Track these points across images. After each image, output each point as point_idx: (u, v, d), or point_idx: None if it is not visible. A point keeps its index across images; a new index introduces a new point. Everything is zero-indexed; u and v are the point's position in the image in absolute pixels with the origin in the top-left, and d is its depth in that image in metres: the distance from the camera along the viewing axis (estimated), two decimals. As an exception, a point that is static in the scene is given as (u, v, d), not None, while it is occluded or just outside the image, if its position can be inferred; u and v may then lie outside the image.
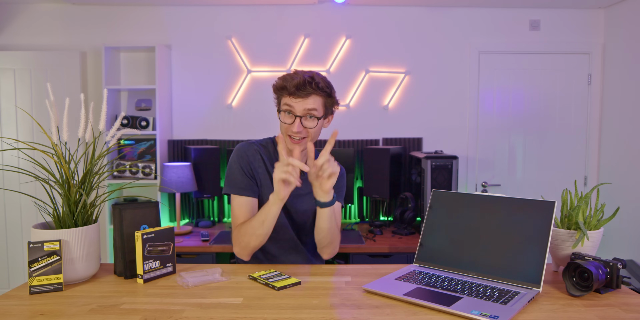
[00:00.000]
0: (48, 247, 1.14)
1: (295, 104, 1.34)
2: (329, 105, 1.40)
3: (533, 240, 1.16)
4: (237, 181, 1.42)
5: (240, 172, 1.42)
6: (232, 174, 1.43)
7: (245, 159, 1.43)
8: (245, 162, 1.43)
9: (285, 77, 1.38)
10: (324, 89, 1.36)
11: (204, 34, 3.28)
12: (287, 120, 1.37)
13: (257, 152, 1.45)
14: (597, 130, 3.35)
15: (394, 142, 3.32)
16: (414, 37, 3.32)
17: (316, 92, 1.34)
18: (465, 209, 1.30)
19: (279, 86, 1.38)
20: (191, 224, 3.17)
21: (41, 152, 1.27)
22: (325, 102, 1.38)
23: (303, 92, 1.33)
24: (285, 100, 1.37)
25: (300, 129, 1.34)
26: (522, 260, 1.16)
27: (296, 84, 1.33)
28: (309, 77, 1.35)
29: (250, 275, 1.26)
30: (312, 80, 1.34)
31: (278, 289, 1.16)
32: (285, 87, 1.35)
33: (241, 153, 1.44)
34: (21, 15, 3.25)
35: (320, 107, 1.36)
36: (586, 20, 3.33)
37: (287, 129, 1.37)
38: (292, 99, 1.34)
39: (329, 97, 1.39)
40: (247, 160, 1.43)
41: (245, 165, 1.43)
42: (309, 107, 1.34)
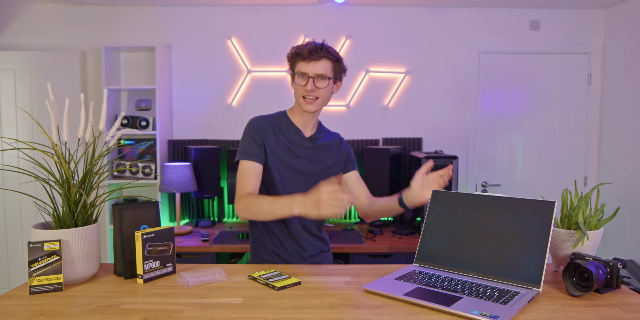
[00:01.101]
0: (48, 247, 1.14)
1: (308, 67, 1.48)
2: (337, 70, 1.54)
3: (533, 240, 1.16)
4: (246, 148, 1.51)
5: (250, 140, 1.51)
6: (242, 143, 1.53)
7: (257, 130, 1.53)
8: (257, 132, 1.52)
9: (298, 45, 1.54)
10: (334, 54, 1.51)
11: (204, 33, 3.28)
12: (301, 82, 1.50)
13: (268, 125, 1.55)
14: (597, 130, 3.35)
15: (394, 142, 3.32)
16: (414, 37, 3.32)
17: (327, 55, 1.49)
18: (465, 209, 1.30)
19: (293, 53, 1.52)
20: (191, 224, 3.17)
21: (41, 152, 1.27)
22: (334, 67, 1.52)
23: (315, 56, 1.47)
24: (299, 66, 1.50)
25: (313, 88, 1.48)
26: (522, 260, 1.16)
27: (309, 49, 1.48)
28: (320, 44, 1.52)
29: (250, 275, 1.26)
30: (322, 46, 1.51)
31: (278, 289, 1.16)
32: (299, 52, 1.49)
33: (253, 124, 1.54)
34: (21, 15, 3.25)
35: (330, 71, 1.50)
36: (586, 20, 3.33)
37: (302, 90, 1.50)
38: (305, 63, 1.49)
39: (337, 62, 1.53)
40: (259, 130, 1.53)
41: (256, 135, 1.52)
42: (321, 70, 1.48)
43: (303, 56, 1.49)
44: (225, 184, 3.27)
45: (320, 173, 1.58)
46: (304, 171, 1.56)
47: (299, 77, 1.51)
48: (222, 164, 3.24)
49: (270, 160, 1.52)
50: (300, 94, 1.51)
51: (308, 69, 1.49)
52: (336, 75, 1.55)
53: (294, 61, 1.54)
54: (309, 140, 1.59)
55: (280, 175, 1.53)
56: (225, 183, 3.27)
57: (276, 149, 1.54)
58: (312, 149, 1.59)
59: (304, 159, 1.57)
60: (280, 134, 1.56)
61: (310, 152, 1.58)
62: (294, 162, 1.55)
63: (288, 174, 1.54)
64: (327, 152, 1.62)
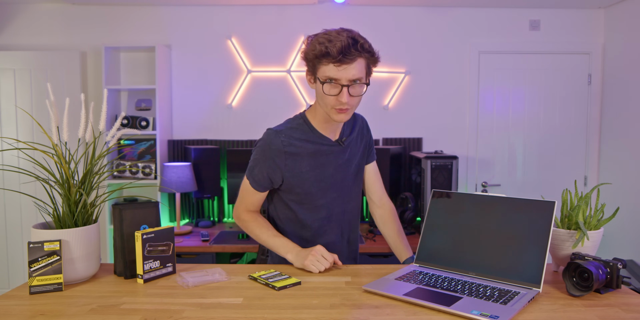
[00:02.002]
0: (48, 247, 1.14)
1: (341, 73, 1.18)
2: (371, 65, 1.25)
3: (533, 240, 1.16)
4: (254, 172, 1.37)
5: (259, 166, 1.35)
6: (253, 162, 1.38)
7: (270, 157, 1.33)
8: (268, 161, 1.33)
9: (322, 41, 1.18)
10: (369, 49, 1.21)
11: (204, 34, 3.28)
12: (332, 91, 1.21)
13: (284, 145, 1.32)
14: (597, 130, 3.35)
15: (394, 142, 3.32)
16: (414, 37, 3.32)
17: (362, 54, 1.18)
18: (466, 209, 1.30)
19: (320, 53, 1.18)
20: (191, 224, 3.17)
21: (41, 152, 1.27)
22: (368, 63, 1.23)
23: (348, 58, 1.16)
24: (326, 70, 1.19)
25: (349, 99, 1.21)
26: (522, 260, 1.16)
27: (341, 48, 1.15)
28: (351, 37, 1.18)
29: (250, 275, 1.26)
30: (355, 41, 1.17)
31: (278, 289, 1.16)
32: (329, 53, 1.16)
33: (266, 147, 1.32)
34: (21, 15, 3.25)
35: (364, 70, 1.22)
36: (586, 20, 3.33)
37: (333, 100, 1.22)
38: (335, 67, 1.18)
39: (372, 56, 1.23)
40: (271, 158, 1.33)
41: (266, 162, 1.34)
42: (356, 73, 1.19)
43: (333, 58, 1.16)
44: (225, 184, 3.27)
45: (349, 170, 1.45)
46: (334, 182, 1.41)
47: (328, 84, 1.21)
48: (222, 164, 3.24)
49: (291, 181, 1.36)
50: (331, 104, 1.24)
51: (340, 74, 1.19)
52: (369, 71, 1.25)
53: (316, 62, 1.21)
54: (338, 143, 1.40)
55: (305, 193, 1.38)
56: (225, 183, 3.27)
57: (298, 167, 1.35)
58: (342, 152, 1.41)
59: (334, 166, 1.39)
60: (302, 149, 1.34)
61: (340, 156, 1.41)
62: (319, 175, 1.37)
63: (316, 189, 1.38)
64: (354, 146, 1.46)
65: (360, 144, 1.49)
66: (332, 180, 1.41)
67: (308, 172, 1.36)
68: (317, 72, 1.23)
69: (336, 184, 1.42)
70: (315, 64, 1.23)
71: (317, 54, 1.19)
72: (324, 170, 1.38)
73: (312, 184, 1.38)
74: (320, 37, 1.21)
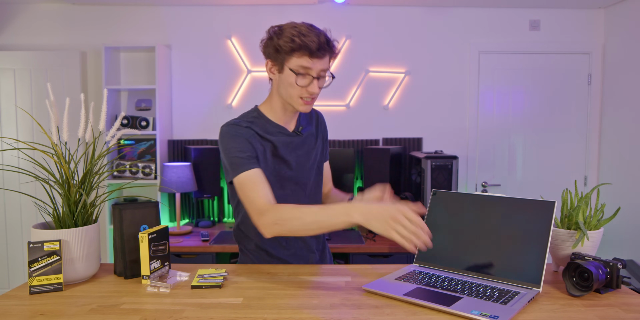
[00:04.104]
0: (48, 247, 1.14)
1: (314, 65, 1.25)
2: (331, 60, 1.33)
3: (533, 240, 1.16)
4: (237, 160, 1.27)
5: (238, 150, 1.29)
6: (230, 157, 1.29)
7: (240, 137, 1.31)
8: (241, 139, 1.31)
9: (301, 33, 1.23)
10: (336, 49, 1.30)
11: (204, 34, 3.28)
12: (303, 82, 1.27)
13: (249, 130, 1.33)
14: (597, 130, 3.35)
15: (394, 142, 3.32)
16: (414, 37, 3.32)
17: (331, 52, 1.29)
18: (466, 209, 1.30)
19: (298, 45, 1.23)
20: (191, 224, 3.17)
21: (41, 152, 1.27)
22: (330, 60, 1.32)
23: (322, 52, 1.25)
24: (300, 61, 1.25)
25: (318, 90, 1.29)
26: (522, 260, 1.16)
27: (319, 44, 1.23)
28: (325, 35, 1.27)
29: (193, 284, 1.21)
30: (328, 40, 1.27)
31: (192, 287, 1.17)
32: (307, 46, 1.22)
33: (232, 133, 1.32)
34: (21, 15, 3.25)
35: (328, 66, 1.31)
36: (586, 20, 3.33)
37: (301, 91, 1.28)
38: (310, 60, 1.25)
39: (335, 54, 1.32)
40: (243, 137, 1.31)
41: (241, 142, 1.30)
42: (325, 67, 1.28)
43: (310, 51, 1.23)
44: (225, 184, 3.27)
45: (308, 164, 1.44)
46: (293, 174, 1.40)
47: (299, 75, 1.26)
48: (222, 164, 3.23)
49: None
50: (298, 94, 1.29)
51: (314, 66, 1.25)
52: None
53: (289, 53, 1.25)
54: (295, 134, 1.42)
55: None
56: (225, 183, 3.27)
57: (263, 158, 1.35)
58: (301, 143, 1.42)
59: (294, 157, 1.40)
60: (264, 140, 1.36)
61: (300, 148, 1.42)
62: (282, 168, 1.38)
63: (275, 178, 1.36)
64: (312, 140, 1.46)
65: (318, 140, 1.49)
66: (290, 173, 1.40)
67: (268, 159, 1.36)
68: (287, 63, 1.27)
69: (295, 175, 1.41)
70: (286, 55, 1.26)
71: (294, 46, 1.24)
72: (284, 160, 1.38)
73: (271, 172, 1.35)
74: (291, 29, 1.25)
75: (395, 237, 0.98)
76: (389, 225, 0.99)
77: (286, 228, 1.15)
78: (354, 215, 1.05)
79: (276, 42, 1.27)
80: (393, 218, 1.00)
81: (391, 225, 0.99)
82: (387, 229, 0.99)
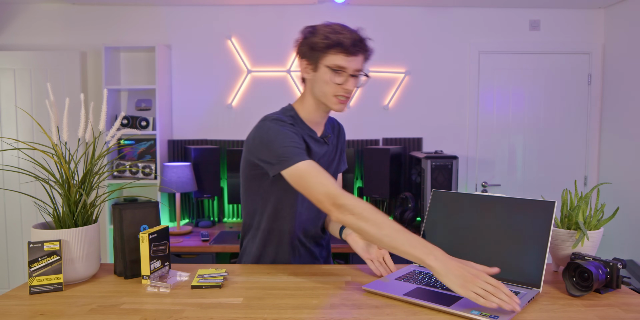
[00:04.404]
0: (48, 247, 1.14)
1: (349, 63, 1.25)
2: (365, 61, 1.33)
3: (533, 240, 1.16)
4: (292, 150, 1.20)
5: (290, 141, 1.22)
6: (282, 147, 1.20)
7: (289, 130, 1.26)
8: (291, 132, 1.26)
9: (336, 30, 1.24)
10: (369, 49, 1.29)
11: (204, 34, 3.28)
12: (338, 79, 1.26)
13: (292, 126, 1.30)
14: (597, 130, 3.35)
15: (394, 142, 3.32)
16: (414, 37, 3.32)
17: (366, 50, 1.28)
18: (466, 210, 1.30)
19: (334, 41, 1.22)
20: (191, 224, 3.17)
21: (41, 152, 1.27)
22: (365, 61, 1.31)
23: (357, 49, 1.24)
24: (336, 59, 1.24)
25: (353, 87, 1.27)
26: (522, 260, 1.16)
27: (353, 41, 1.23)
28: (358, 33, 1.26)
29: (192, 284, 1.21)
30: (362, 38, 1.26)
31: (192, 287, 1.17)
32: (342, 43, 1.22)
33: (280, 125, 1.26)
34: (21, 15, 3.25)
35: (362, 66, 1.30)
36: (586, 20, 3.33)
37: (336, 89, 1.27)
38: (344, 57, 1.24)
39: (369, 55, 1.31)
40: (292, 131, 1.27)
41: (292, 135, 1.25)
42: (359, 64, 1.27)
43: (345, 48, 1.22)
44: (225, 184, 3.27)
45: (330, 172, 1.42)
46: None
47: (333, 72, 1.25)
48: (222, 164, 3.24)
49: None
50: (333, 92, 1.27)
51: (349, 64, 1.24)
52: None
53: (324, 51, 1.25)
54: (323, 141, 1.40)
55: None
56: (225, 183, 3.27)
57: None
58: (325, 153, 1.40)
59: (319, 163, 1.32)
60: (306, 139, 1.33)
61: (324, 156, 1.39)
62: None
63: None
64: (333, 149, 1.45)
65: (337, 151, 1.49)
66: None
67: None
68: (323, 61, 1.26)
69: None
70: (321, 53, 1.26)
71: (329, 43, 1.23)
72: None
73: None
74: (326, 28, 1.26)
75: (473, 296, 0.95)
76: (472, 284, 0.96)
77: (358, 225, 1.10)
78: (432, 258, 1.00)
79: (311, 40, 1.27)
80: (475, 276, 0.97)
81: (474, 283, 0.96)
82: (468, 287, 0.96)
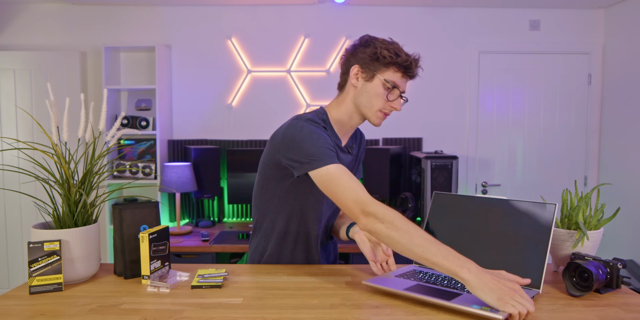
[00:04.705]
0: (48, 247, 1.14)
1: (404, 84, 1.32)
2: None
3: (533, 242, 1.16)
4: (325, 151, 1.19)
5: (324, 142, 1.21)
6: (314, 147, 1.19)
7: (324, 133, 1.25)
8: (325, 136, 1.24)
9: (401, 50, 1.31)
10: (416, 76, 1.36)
11: (204, 34, 3.28)
12: (391, 96, 1.31)
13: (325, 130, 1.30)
14: (597, 130, 3.35)
15: (394, 142, 3.32)
16: (414, 37, 3.32)
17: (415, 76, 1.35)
18: (466, 211, 1.30)
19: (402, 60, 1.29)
20: (191, 224, 3.17)
21: (41, 152, 1.27)
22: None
23: (413, 74, 1.33)
24: (395, 77, 1.30)
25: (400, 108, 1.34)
26: (522, 262, 1.16)
27: (414, 65, 1.31)
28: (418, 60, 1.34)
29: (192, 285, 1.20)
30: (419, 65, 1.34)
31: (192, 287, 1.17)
32: (408, 64, 1.29)
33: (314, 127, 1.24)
34: (21, 15, 3.25)
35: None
36: (586, 20, 3.33)
37: (386, 104, 1.32)
38: (402, 78, 1.31)
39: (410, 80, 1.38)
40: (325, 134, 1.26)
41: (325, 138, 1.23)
42: (406, 88, 1.35)
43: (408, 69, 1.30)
44: (225, 184, 3.27)
45: None
46: None
47: (388, 88, 1.29)
48: (222, 164, 3.24)
49: None
50: (380, 106, 1.31)
51: (403, 84, 1.32)
52: None
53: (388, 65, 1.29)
54: (347, 151, 1.41)
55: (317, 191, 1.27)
56: (225, 183, 3.27)
57: None
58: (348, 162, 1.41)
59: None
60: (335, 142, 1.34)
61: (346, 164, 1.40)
62: None
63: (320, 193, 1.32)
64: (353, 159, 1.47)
65: (357, 159, 1.50)
66: None
67: None
68: (382, 74, 1.29)
69: None
70: (383, 66, 1.29)
71: (398, 61, 1.28)
72: None
73: None
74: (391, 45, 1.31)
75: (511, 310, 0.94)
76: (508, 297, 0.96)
77: (388, 234, 1.08)
78: (466, 272, 0.99)
79: (379, 51, 1.28)
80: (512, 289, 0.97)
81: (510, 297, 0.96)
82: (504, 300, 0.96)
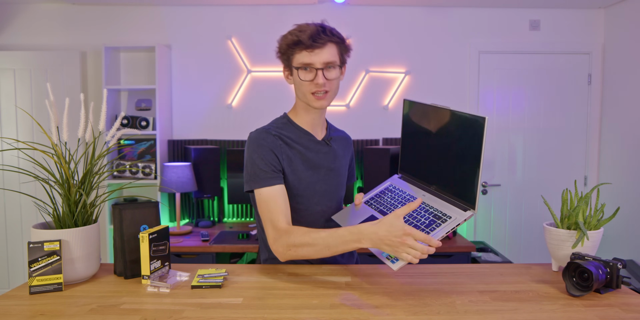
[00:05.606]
0: (48, 247, 1.14)
1: (314, 57, 1.24)
2: (344, 52, 1.31)
3: (467, 156, 1.11)
4: (258, 173, 1.25)
5: (261, 162, 1.26)
6: (251, 167, 1.27)
7: (266, 147, 1.28)
8: (267, 150, 1.28)
9: (293, 32, 1.26)
10: (338, 35, 1.28)
11: (204, 34, 3.28)
12: (307, 76, 1.26)
13: (277, 138, 1.31)
14: (597, 130, 3.35)
15: (394, 142, 3.32)
16: (414, 37, 3.32)
17: (331, 38, 1.25)
18: (426, 121, 1.27)
19: (292, 41, 1.25)
20: (191, 224, 3.17)
21: (41, 152, 1.27)
22: (340, 50, 1.29)
23: (319, 42, 1.23)
24: (300, 57, 1.26)
25: (325, 81, 1.26)
26: (459, 177, 1.14)
27: (310, 35, 1.23)
28: (320, 25, 1.26)
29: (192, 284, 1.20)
30: (324, 28, 1.25)
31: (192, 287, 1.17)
32: (300, 40, 1.23)
33: (259, 142, 1.28)
34: (21, 15, 3.25)
35: (337, 55, 1.28)
36: (586, 20, 3.33)
37: (309, 86, 1.27)
38: (308, 53, 1.24)
39: (342, 43, 1.29)
40: (268, 148, 1.28)
41: (266, 154, 1.27)
42: (329, 57, 1.25)
43: (304, 44, 1.23)
44: (225, 184, 3.27)
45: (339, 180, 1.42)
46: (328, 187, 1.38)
47: (303, 70, 1.26)
48: (222, 164, 3.24)
49: (289, 178, 1.31)
50: (308, 90, 1.28)
51: (314, 58, 1.24)
52: (343, 59, 1.31)
53: (290, 52, 1.27)
54: (324, 143, 1.39)
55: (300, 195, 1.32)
56: (225, 183, 3.27)
57: (294, 165, 1.32)
58: (329, 155, 1.39)
59: (325, 168, 1.37)
60: (293, 144, 1.33)
61: (329, 159, 1.38)
62: (313, 176, 1.35)
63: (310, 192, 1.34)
64: (341, 158, 1.44)
65: (346, 159, 1.49)
66: (325, 186, 1.38)
67: (303, 171, 1.33)
68: (292, 62, 1.29)
69: (330, 190, 1.39)
70: (289, 55, 1.29)
71: (289, 43, 1.26)
72: (318, 171, 1.36)
73: (307, 185, 1.34)
74: (293, 29, 1.29)
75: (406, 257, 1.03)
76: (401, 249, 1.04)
77: (300, 254, 1.17)
78: (364, 242, 1.09)
79: (278, 46, 1.31)
80: (402, 242, 1.03)
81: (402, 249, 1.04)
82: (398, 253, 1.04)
